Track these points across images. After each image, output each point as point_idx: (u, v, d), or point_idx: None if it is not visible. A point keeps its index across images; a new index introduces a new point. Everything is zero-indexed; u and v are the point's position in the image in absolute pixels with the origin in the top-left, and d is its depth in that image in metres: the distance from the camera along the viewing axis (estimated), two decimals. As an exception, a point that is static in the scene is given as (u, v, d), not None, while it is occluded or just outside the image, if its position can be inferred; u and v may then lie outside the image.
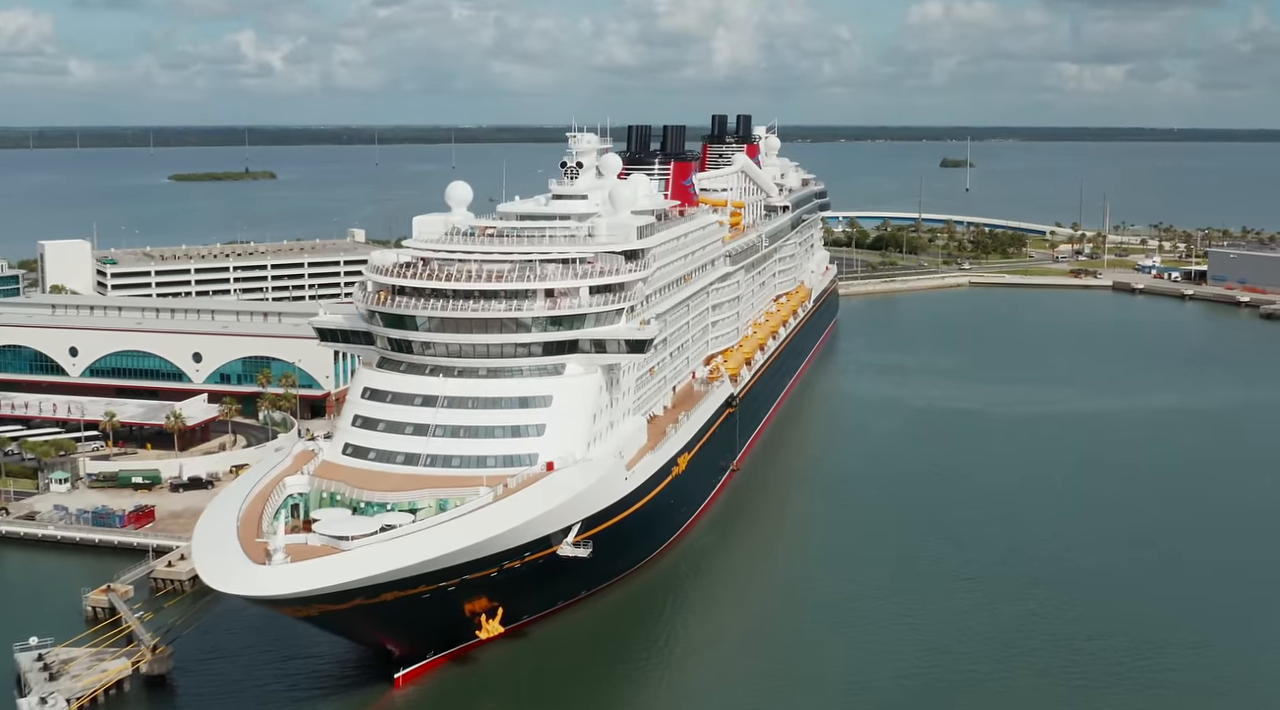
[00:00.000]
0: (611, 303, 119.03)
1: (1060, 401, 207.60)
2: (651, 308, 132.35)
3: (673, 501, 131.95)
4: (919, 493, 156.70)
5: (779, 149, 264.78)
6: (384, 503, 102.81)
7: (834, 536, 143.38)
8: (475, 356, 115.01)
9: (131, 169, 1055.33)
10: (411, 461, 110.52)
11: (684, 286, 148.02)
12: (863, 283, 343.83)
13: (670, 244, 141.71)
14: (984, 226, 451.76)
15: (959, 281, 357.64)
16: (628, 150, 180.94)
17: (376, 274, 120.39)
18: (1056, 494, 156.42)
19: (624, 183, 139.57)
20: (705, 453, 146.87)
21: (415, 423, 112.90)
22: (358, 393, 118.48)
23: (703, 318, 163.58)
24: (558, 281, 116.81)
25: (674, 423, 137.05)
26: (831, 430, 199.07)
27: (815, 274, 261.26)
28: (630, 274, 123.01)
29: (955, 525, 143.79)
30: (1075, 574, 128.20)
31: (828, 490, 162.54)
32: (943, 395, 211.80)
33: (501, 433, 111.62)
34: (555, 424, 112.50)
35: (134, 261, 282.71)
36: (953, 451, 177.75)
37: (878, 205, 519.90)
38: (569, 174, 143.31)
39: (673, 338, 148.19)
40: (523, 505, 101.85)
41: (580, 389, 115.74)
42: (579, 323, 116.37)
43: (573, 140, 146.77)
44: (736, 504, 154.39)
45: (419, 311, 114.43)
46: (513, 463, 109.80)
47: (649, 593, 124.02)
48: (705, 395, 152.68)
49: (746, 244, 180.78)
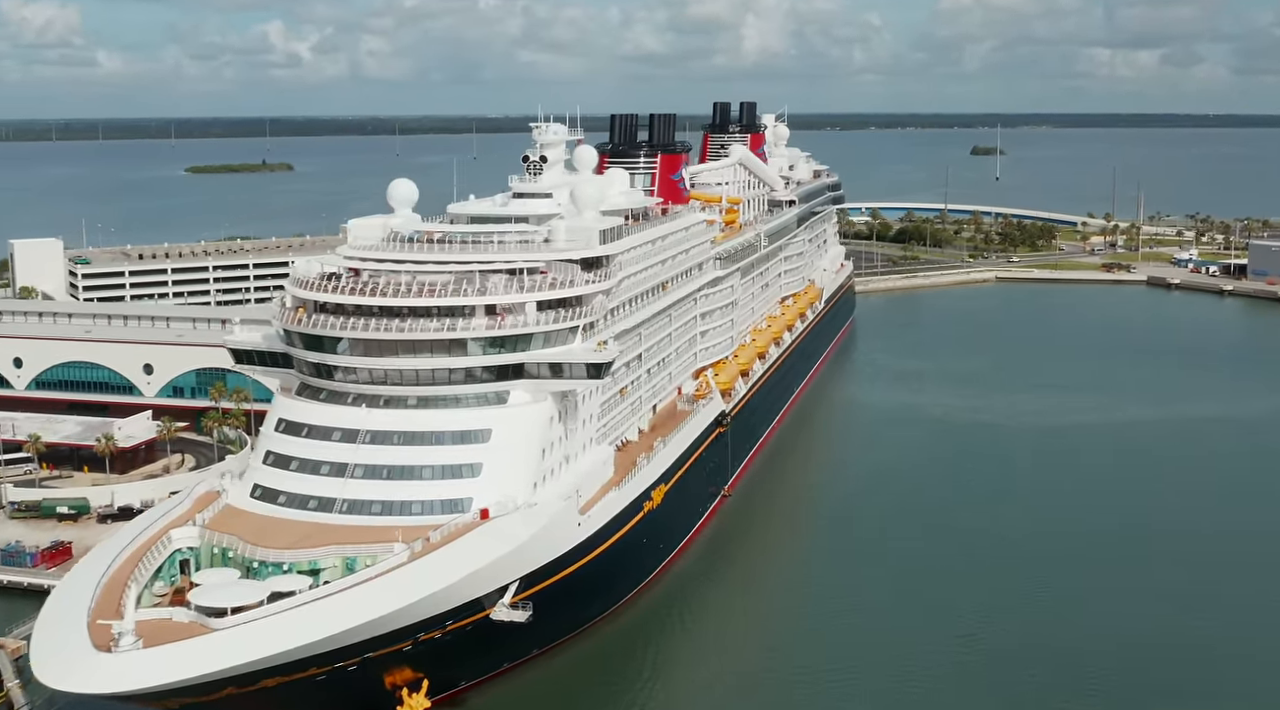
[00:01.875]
0: (565, 319, 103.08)
1: (1088, 410, 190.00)
2: (618, 322, 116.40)
3: (645, 540, 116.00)
4: (932, 520, 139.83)
5: (788, 138, 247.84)
6: (280, 562, 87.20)
7: (834, 573, 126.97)
8: (403, 384, 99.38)
9: (150, 161, 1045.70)
10: (325, 507, 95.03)
11: (662, 295, 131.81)
12: (883, 279, 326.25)
13: (643, 249, 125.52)
14: (1012, 217, 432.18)
15: (985, 277, 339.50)
16: (611, 142, 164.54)
17: (297, 287, 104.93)
18: (1088, 532, 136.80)
19: (590, 180, 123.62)
20: (689, 480, 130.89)
21: (332, 461, 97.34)
22: (272, 424, 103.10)
23: (689, 328, 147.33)
24: (500, 296, 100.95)
25: (649, 450, 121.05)
26: (839, 446, 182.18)
27: (828, 272, 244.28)
28: (588, 285, 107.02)
29: (973, 562, 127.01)
30: (1120, 640, 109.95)
31: (830, 518, 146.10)
32: (963, 404, 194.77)
33: (430, 474, 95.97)
34: (494, 463, 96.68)
35: (108, 261, 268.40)
36: (971, 470, 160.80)
37: (903, 195, 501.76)
38: (531, 169, 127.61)
39: (651, 352, 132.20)
40: (446, 564, 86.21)
41: (525, 421, 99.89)
42: (524, 343, 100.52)
43: (537, 131, 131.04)
44: (726, 536, 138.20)
45: (334, 332, 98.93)
46: (442, 510, 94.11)
47: (616, 644, 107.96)
48: (690, 415, 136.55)
49: (742, 244, 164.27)
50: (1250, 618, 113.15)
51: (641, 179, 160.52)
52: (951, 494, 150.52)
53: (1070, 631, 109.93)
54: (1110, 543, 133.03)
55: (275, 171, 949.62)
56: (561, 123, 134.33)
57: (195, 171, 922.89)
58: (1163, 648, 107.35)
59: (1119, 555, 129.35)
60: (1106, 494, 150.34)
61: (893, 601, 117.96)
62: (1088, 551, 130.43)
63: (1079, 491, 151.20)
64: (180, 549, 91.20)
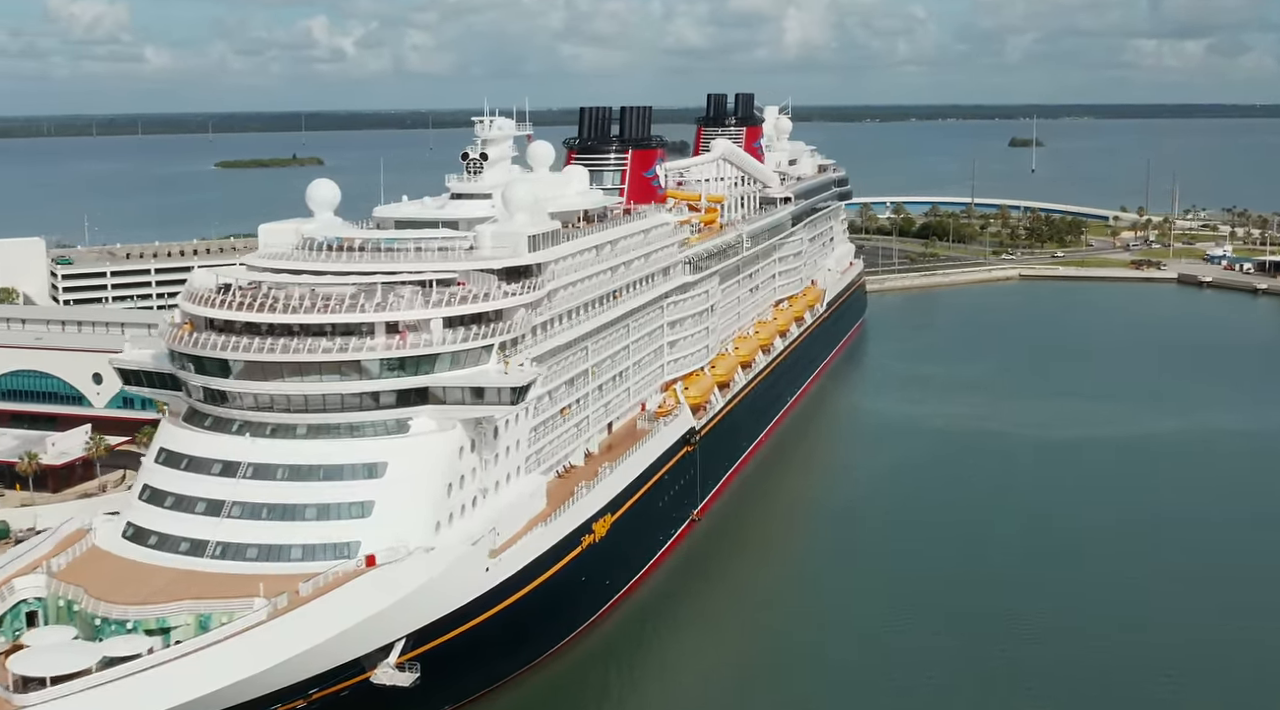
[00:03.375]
0: (478, 337, 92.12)
1: (1109, 422, 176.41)
2: (552, 337, 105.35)
3: (585, 578, 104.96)
4: (927, 550, 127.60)
5: (791, 132, 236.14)
6: (124, 620, 76.77)
7: (805, 603, 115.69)
8: (292, 410, 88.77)
9: (184, 157, 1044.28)
10: (197, 551, 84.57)
11: (614, 305, 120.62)
12: (900, 277, 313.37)
13: (587, 255, 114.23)
14: (1040, 211, 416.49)
15: (1008, 274, 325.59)
16: (580, 137, 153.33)
17: (189, 301, 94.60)
18: (1102, 565, 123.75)
19: (523, 180, 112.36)
20: (645, 507, 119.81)
21: (209, 498, 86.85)
22: (153, 455, 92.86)
23: (654, 338, 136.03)
24: (401, 312, 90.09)
25: (591, 478, 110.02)
26: (831, 463, 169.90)
27: (833, 272, 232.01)
28: (509, 298, 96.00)
29: (968, 592, 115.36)
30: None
31: (810, 543, 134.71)
32: (973, 414, 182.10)
33: (313, 514, 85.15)
34: (387, 501, 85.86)
35: (92, 261, 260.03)
36: (971, 488, 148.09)
37: (931, 188, 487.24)
38: (470, 168, 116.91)
39: (603, 367, 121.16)
40: (312, 621, 75.59)
41: (427, 452, 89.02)
42: (428, 365, 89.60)
43: (480, 126, 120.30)
44: (690, 566, 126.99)
45: (211, 352, 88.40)
46: (325, 555, 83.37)
47: (537, 699, 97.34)
48: (650, 434, 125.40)
49: (719, 246, 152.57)
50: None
51: (612, 177, 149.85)
52: (947, 516, 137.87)
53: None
54: (1124, 577, 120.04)
55: (305, 166, 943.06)
56: (507, 117, 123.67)
57: (225, 166, 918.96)
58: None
59: (1132, 594, 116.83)
60: (1121, 522, 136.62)
61: (875, 644, 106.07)
62: (1100, 594, 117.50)
63: (1093, 524, 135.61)
64: (27, 600, 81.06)
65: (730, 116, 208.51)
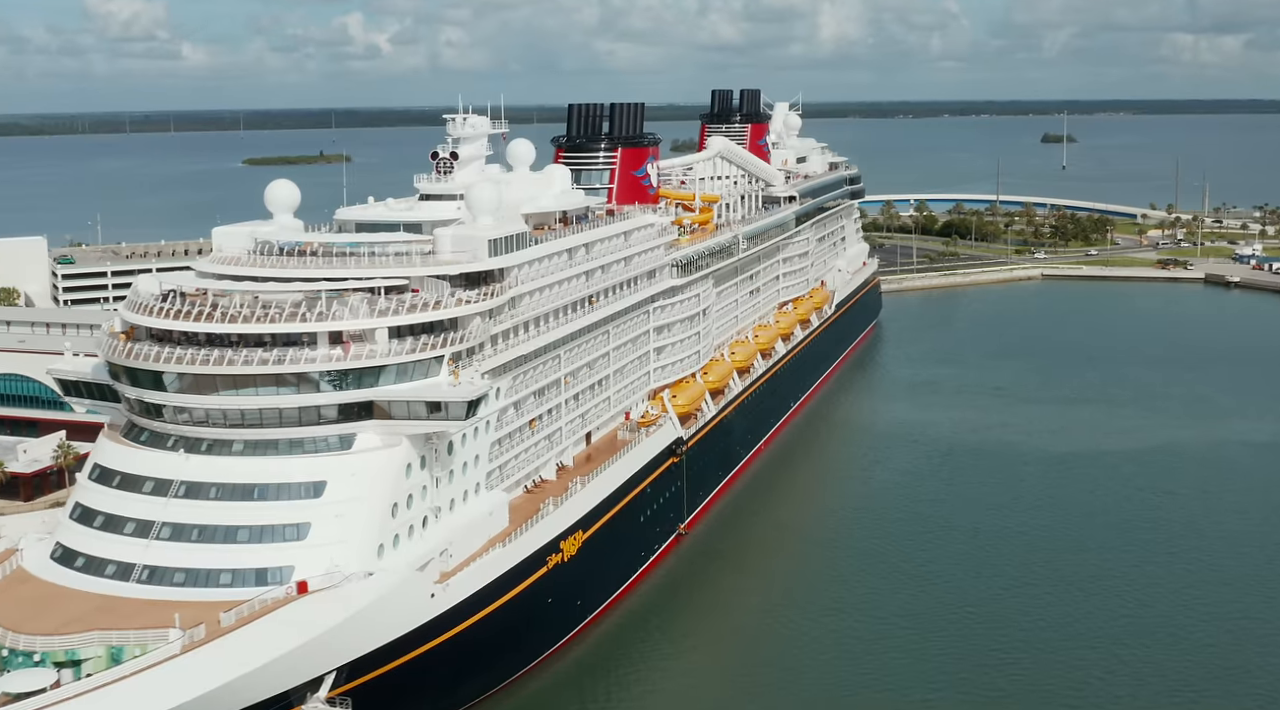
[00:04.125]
0: (428, 347, 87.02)
1: (1127, 431, 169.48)
2: (515, 347, 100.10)
3: (552, 600, 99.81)
4: (928, 569, 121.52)
5: (800, 128, 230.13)
6: (33, 651, 72.02)
7: (799, 629, 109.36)
8: (228, 425, 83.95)
9: (213, 153, 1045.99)
10: (123, 575, 79.85)
11: (590, 311, 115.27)
12: (919, 276, 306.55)
13: (557, 259, 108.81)
14: (1066, 209, 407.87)
15: (1030, 274, 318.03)
16: (568, 135, 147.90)
17: (131, 309, 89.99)
18: (1113, 590, 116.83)
19: (488, 181, 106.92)
20: (623, 522, 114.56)
21: (138, 518, 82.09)
22: (87, 471, 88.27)
23: (639, 344, 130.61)
24: (344, 321, 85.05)
25: (561, 493, 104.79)
26: (832, 474, 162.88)
27: (843, 272, 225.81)
28: (464, 306, 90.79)
29: (971, 621, 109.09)
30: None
31: (804, 560, 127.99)
32: (983, 421, 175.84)
33: (246, 537, 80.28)
34: (324, 523, 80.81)
35: (93, 260, 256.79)
36: (982, 504, 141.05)
37: (957, 186, 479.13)
38: (440, 168, 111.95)
39: (579, 375, 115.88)
40: (230, 654, 70.71)
41: (370, 470, 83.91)
42: (371, 377, 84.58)
43: (452, 124, 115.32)
44: (675, 583, 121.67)
45: (143, 363, 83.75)
46: (257, 581, 78.47)
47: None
48: (630, 445, 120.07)
49: (712, 247, 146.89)
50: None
51: (602, 176, 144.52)
52: (951, 534, 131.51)
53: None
54: (1136, 603, 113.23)
55: (332, 163, 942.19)
56: (482, 114, 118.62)
57: (251, 163, 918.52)
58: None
59: (1144, 621, 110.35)
60: (1138, 540, 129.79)
61: (873, 669, 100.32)
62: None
63: (1107, 544, 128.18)
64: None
65: (736, 113, 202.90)
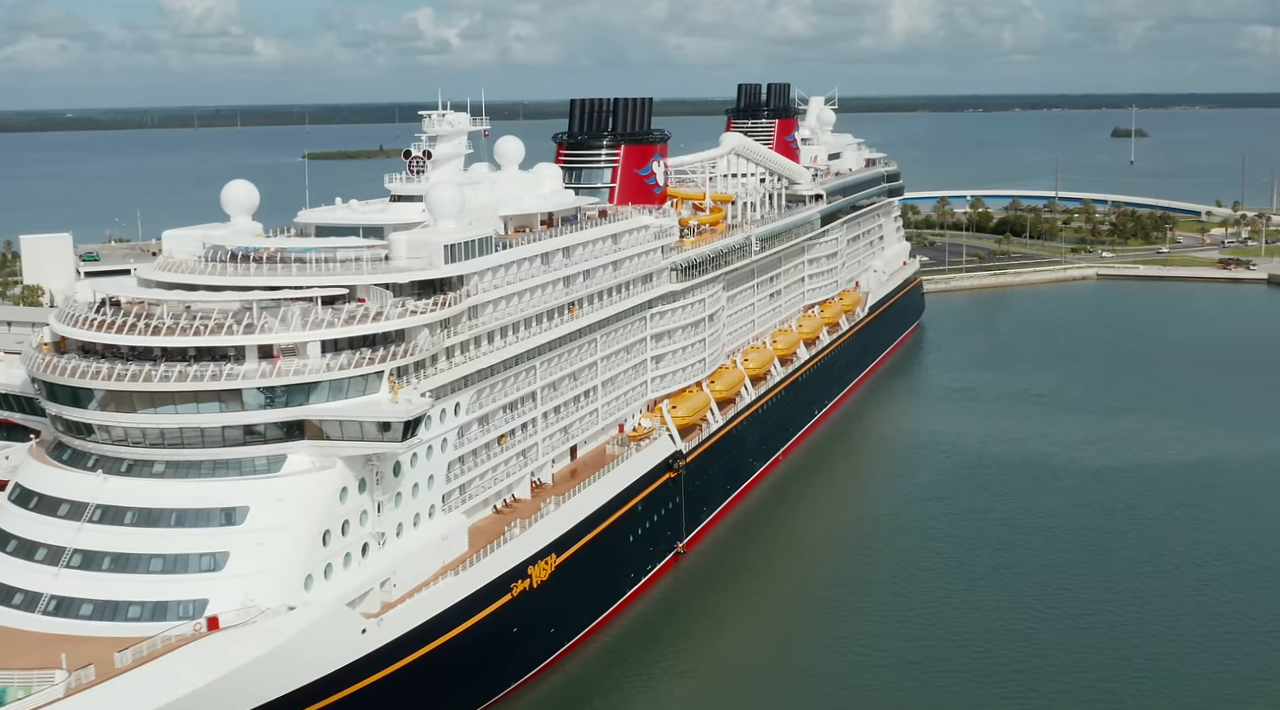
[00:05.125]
0: (366, 362, 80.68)
1: (1172, 443, 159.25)
2: (477, 359, 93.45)
3: (516, 629, 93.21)
4: (948, 596, 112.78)
5: (834, 123, 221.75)
6: (-92, 694, 66.67)
7: (800, 658, 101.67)
8: (148, 445, 78.12)
9: (275, 148, 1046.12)
10: (29, 606, 74.10)
11: (571, 319, 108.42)
12: (967, 276, 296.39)
13: (529, 265, 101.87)
14: (1127, 206, 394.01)
15: (1084, 274, 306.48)
16: (570, 132, 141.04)
17: (60, 319, 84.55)
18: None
19: (452, 183, 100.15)
20: (609, 542, 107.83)
21: (49, 544, 76.35)
22: (8, 491, 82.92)
23: (635, 353, 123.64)
24: (273, 334, 78.88)
25: (531, 514, 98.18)
26: (855, 486, 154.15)
27: (880, 273, 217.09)
28: (411, 316, 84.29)
29: (990, 659, 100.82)
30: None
31: (811, 582, 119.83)
32: (1020, 432, 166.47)
33: (159, 566, 74.35)
34: (244, 552, 74.64)
35: (119, 257, 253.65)
36: (1009, 524, 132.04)
37: (1017, 181, 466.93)
38: (413, 167, 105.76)
39: (561, 387, 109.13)
40: (119, 699, 64.73)
41: (298, 495, 77.62)
42: (301, 394, 78.34)
43: (427, 121, 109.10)
44: (669, 606, 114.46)
45: (58, 377, 78.18)
46: (167, 614, 72.45)
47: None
48: (619, 460, 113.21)
49: (720, 250, 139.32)
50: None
51: (603, 174, 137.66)
52: (974, 556, 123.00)
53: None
54: (1170, 643, 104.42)
55: (391, 157, 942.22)
56: (463, 111, 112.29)
57: (311, 158, 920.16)
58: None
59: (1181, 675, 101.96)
60: (1175, 565, 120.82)
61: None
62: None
63: (1141, 570, 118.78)
64: None
65: (763, 108, 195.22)
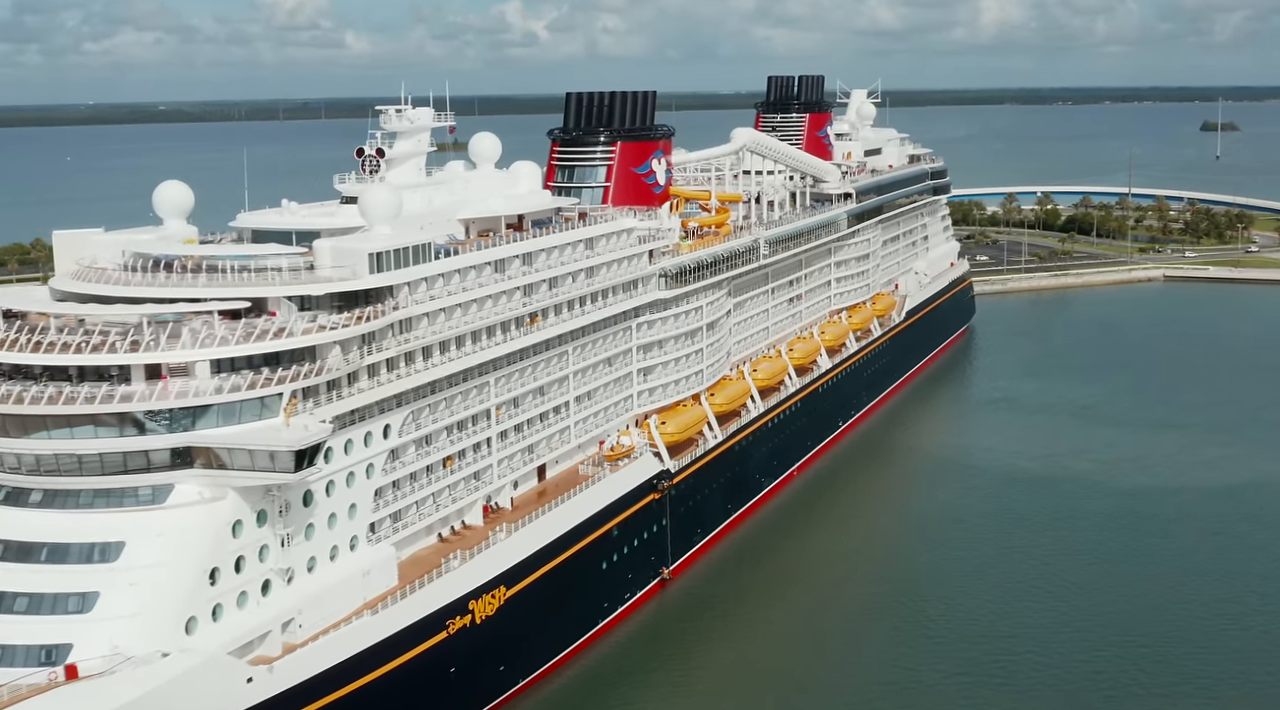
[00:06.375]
0: (264, 383, 73.76)
1: (1215, 463, 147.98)
2: (405, 379, 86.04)
3: (454, 668, 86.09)
4: (961, 636, 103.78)
5: (874, 118, 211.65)
6: None
7: (794, 700, 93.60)
8: (25, 472, 71.92)
9: (350, 140, 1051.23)
10: (-110, 648, 68.45)
11: (534, 331, 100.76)
12: (1025, 278, 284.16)
13: (476, 274, 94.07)
14: (1202, 203, 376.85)
15: (1150, 275, 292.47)
16: (564, 127, 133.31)
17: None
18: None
19: (383, 185, 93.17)
20: (576, 569, 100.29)
21: (-80, 581, 70.72)
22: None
23: (618, 365, 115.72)
24: (160, 353, 72.26)
25: (479, 542, 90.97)
26: (868, 504, 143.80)
27: (922, 275, 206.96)
28: (320, 333, 77.18)
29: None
30: None
31: (808, 610, 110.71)
32: (1056, 447, 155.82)
33: (23, 606, 68.08)
34: (116, 592, 68.00)
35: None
36: (1026, 551, 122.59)
37: (1091, 177, 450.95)
38: (366, 166, 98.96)
39: (524, 403, 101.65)
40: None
41: (181, 529, 70.93)
42: (187, 419, 71.64)
43: (384, 116, 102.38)
44: (652, 636, 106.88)
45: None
46: (29, 660, 66.10)
47: None
48: (592, 480, 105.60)
49: (719, 254, 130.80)
50: None
51: (598, 173, 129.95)
52: (989, 589, 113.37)
53: None
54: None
55: (461, 150, 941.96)
56: (424, 105, 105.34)
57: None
58: None
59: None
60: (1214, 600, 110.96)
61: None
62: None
63: (1164, 609, 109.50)
64: None
65: (794, 102, 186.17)
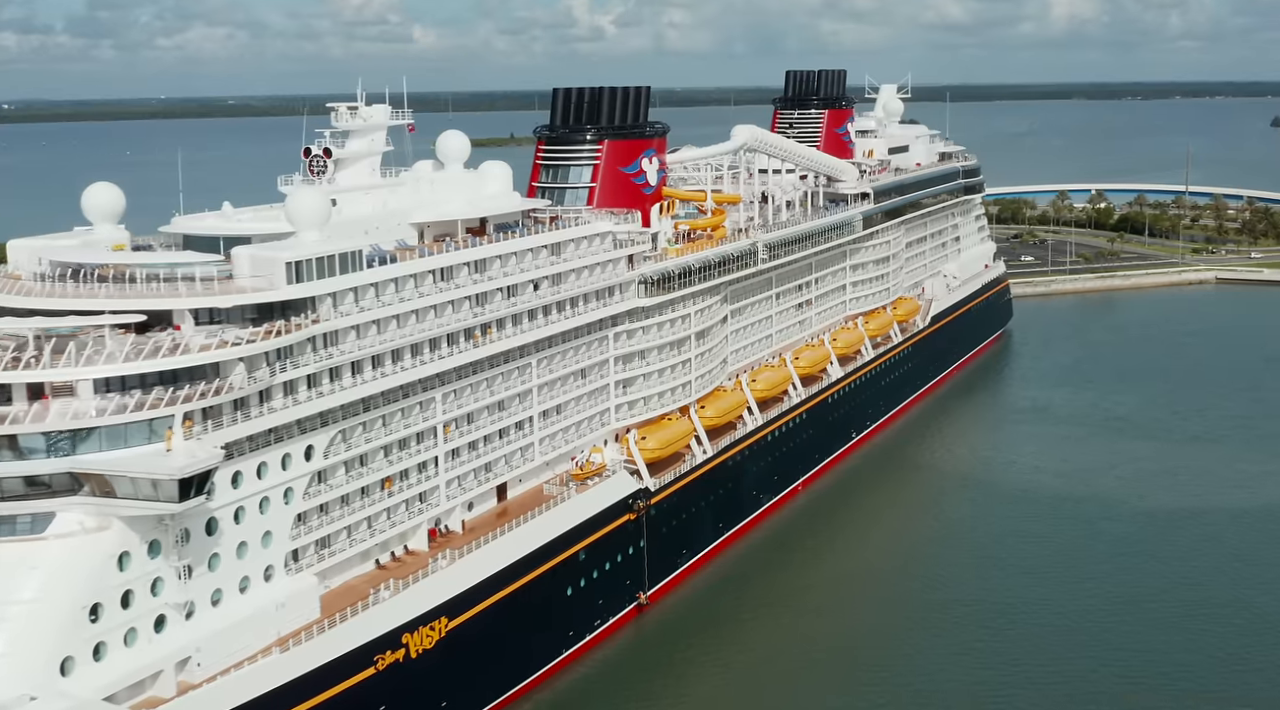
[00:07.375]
0: (152, 404, 68.07)
1: (1247, 481, 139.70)
2: (327, 396, 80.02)
3: (383, 708, 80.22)
4: (967, 669, 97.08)
5: (902, 114, 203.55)
6: None
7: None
8: (-103, 498, 66.94)
9: (408, 135, 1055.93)
10: None
11: (487, 343, 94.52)
12: (1070, 280, 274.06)
13: (415, 283, 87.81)
14: (1261, 202, 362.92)
15: (1201, 277, 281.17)
16: (550, 124, 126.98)
17: None
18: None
19: (314, 188, 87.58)
20: (533, 596, 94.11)
21: None
22: None
23: (592, 377, 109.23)
24: (40, 370, 66.83)
25: (419, 569, 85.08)
26: (871, 524, 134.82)
27: (953, 278, 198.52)
28: (218, 350, 71.31)
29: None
30: None
31: (798, 638, 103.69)
32: (1082, 462, 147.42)
33: (-118, 646, 63.15)
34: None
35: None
36: (1034, 575, 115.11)
37: (1148, 174, 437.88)
38: (314, 167, 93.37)
39: (479, 419, 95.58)
40: None
41: (58, 562, 65.47)
42: (66, 443, 66.18)
43: (334, 114, 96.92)
44: (613, 668, 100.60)
45: None
46: (-120, 706, 61.32)
47: None
48: (555, 501, 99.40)
49: (711, 258, 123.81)
50: None
51: (584, 172, 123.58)
52: (986, 620, 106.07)
53: None
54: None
55: (522, 145, 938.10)
56: (381, 102, 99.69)
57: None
58: None
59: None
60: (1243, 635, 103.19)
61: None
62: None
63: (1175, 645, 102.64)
64: None
65: (814, 98, 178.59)
